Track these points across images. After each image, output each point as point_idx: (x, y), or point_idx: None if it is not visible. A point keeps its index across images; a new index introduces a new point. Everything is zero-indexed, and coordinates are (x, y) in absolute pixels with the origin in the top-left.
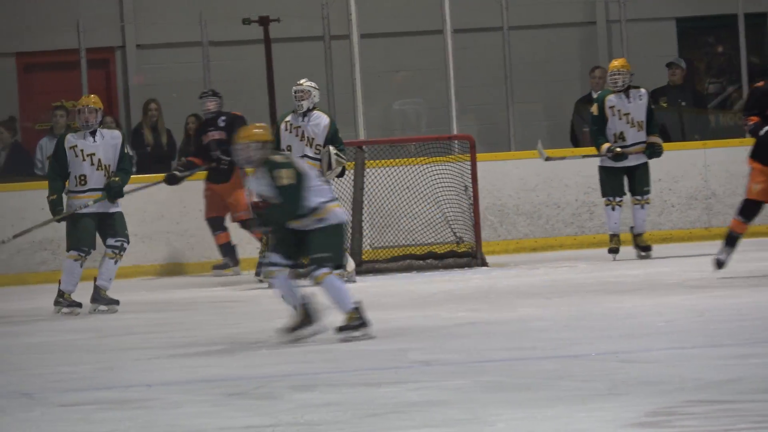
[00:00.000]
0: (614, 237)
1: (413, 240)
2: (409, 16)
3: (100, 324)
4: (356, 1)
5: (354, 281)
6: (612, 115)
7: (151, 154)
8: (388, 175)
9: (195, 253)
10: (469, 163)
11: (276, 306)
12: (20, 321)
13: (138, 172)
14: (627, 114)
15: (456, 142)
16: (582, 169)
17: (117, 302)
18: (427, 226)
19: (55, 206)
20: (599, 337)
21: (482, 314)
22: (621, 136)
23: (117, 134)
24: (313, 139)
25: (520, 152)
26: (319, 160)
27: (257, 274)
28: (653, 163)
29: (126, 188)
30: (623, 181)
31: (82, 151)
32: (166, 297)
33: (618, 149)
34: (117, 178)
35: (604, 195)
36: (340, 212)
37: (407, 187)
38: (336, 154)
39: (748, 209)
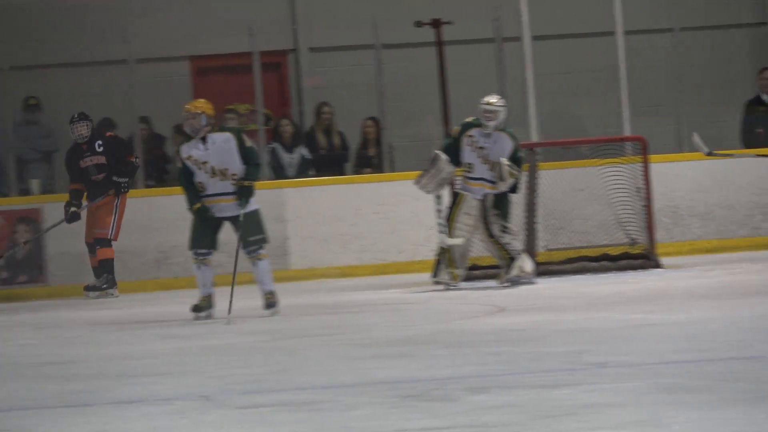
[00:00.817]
0: None
1: (587, 242)
2: (580, 18)
3: (276, 326)
4: (528, 3)
5: (533, 282)
6: None
7: (324, 157)
8: (561, 177)
9: (369, 256)
10: (641, 164)
11: (451, 307)
12: (198, 323)
13: (316, 175)
14: None
15: (628, 143)
16: (755, 170)
17: None
18: (601, 228)
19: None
20: None
21: (657, 316)
22: None
23: (227, 136)
24: (495, 162)
25: (692, 153)
26: (494, 182)
27: (435, 275)
28: None
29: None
30: None
31: (196, 160)
32: (340, 299)
33: None
34: (245, 182)
35: None
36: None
37: (580, 189)
38: (509, 166)
39: None
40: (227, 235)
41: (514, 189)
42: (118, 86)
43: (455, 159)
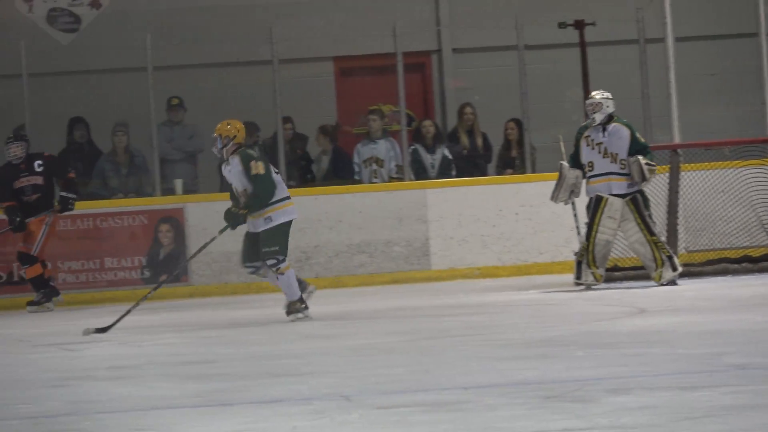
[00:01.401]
0: None
1: (728, 243)
2: (723, 19)
3: (417, 326)
4: (672, 3)
5: (676, 284)
6: None
7: (467, 158)
8: (703, 179)
9: (510, 257)
10: None
11: (592, 308)
12: (338, 324)
13: (457, 175)
14: None
15: None
16: None
17: None
18: (742, 230)
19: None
20: None
21: None
22: None
23: (237, 160)
24: (616, 154)
25: None
26: (627, 174)
27: (577, 277)
28: None
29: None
30: None
31: (226, 180)
32: (481, 300)
33: None
34: (234, 208)
35: None
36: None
37: (722, 191)
38: (647, 164)
39: None
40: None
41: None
42: (263, 86)
43: (579, 165)
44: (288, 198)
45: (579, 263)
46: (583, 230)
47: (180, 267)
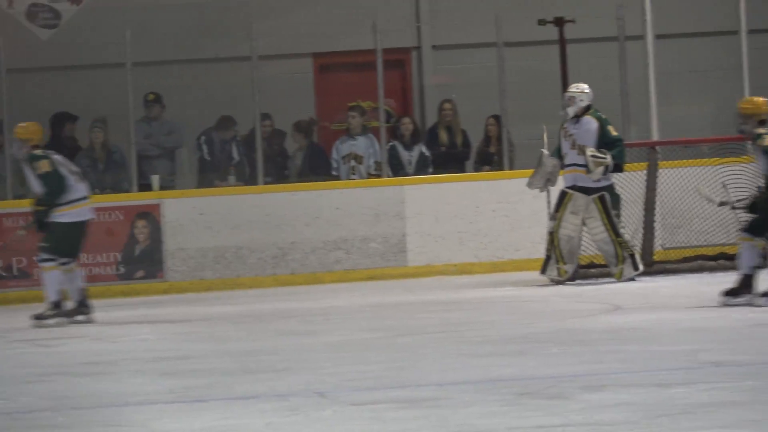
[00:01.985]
0: None
1: (705, 241)
2: (704, 17)
3: (393, 323)
4: (651, 1)
5: (634, 280)
6: None
7: (445, 154)
8: (681, 176)
9: (486, 253)
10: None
11: (567, 305)
12: (314, 320)
13: (434, 172)
14: None
15: (749, 143)
16: None
17: None
18: (719, 227)
19: None
20: None
21: (761, 315)
22: None
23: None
24: (583, 146)
25: None
26: (586, 166)
27: (542, 271)
28: None
29: None
30: None
31: None
32: (457, 296)
33: None
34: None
35: None
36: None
37: (699, 188)
38: (592, 156)
39: None
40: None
41: (619, 168)
42: (242, 83)
43: (559, 156)
44: (81, 199)
45: (548, 258)
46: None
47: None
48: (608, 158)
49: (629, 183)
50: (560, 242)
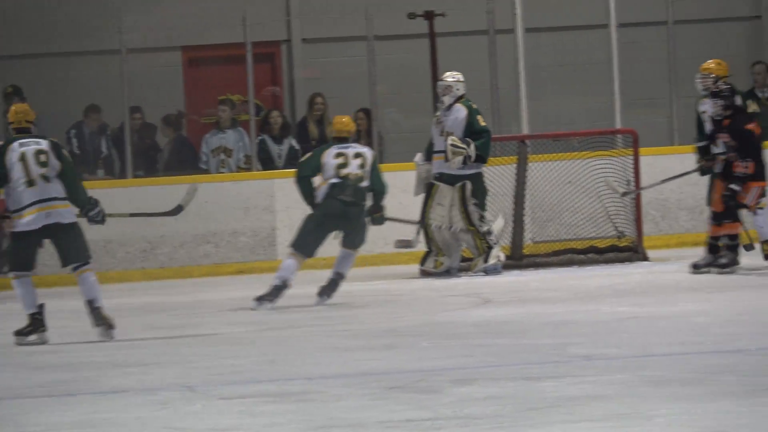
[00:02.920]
0: None
1: (574, 234)
2: (574, 10)
3: (263, 317)
4: None
5: (499, 272)
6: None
7: (314, 147)
8: (551, 170)
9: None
10: (632, 157)
11: (438, 298)
12: (183, 314)
13: None
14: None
15: (619, 136)
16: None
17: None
18: (589, 221)
19: None
20: (762, 332)
21: (643, 309)
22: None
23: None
24: (450, 133)
25: (683, 147)
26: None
27: (422, 264)
28: None
29: None
30: None
31: None
32: None
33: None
34: None
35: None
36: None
37: (569, 182)
38: (452, 145)
39: None
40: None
41: (482, 160)
42: (111, 76)
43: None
44: (26, 207)
45: (429, 251)
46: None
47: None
48: (469, 149)
49: (499, 176)
50: (433, 234)
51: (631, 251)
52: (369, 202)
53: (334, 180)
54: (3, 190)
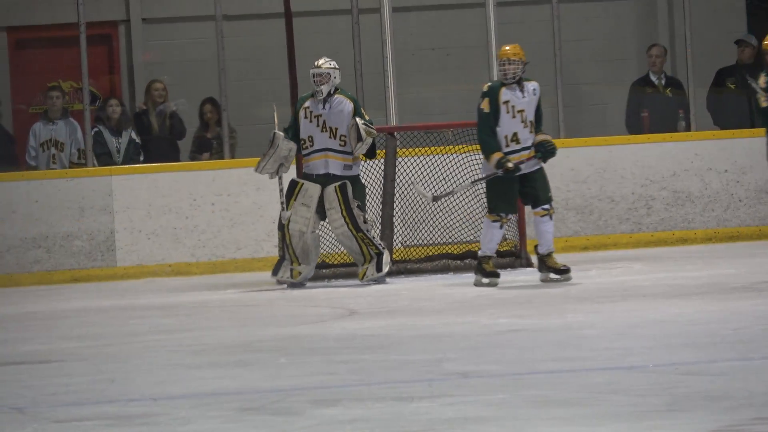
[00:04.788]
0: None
1: (450, 238)
2: None
3: (101, 330)
4: None
5: (385, 282)
6: (506, 113)
7: (157, 141)
8: (423, 165)
9: (205, 252)
10: None
11: (296, 310)
12: (11, 327)
13: (145, 161)
14: (521, 111)
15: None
16: (640, 159)
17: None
18: (466, 222)
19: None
20: (657, 346)
21: (526, 321)
22: (514, 138)
23: None
24: (336, 129)
25: (570, 139)
26: (345, 152)
27: (274, 273)
28: (716, 154)
29: None
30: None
31: None
32: (173, 300)
33: (510, 164)
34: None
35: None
36: None
37: (444, 179)
38: (364, 124)
39: None
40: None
41: (372, 154)
42: None
43: (296, 140)
44: None
45: (281, 257)
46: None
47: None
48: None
49: (365, 173)
50: (292, 239)
51: (513, 256)
52: None
53: None
54: None
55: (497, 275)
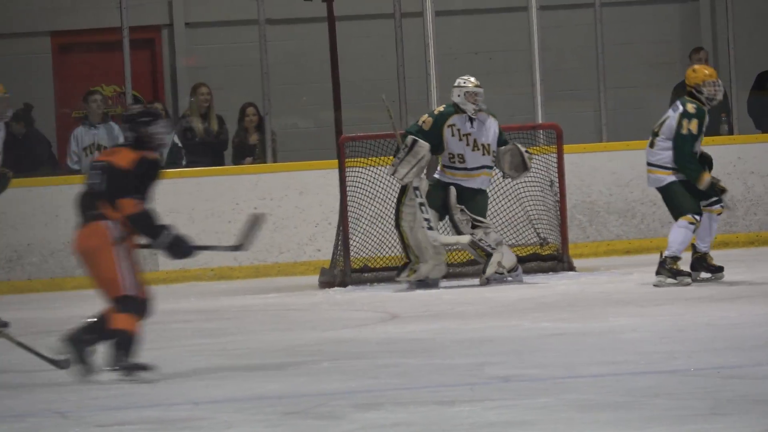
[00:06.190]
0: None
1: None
2: None
3: (145, 335)
4: None
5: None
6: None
7: (200, 145)
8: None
9: (247, 256)
10: (555, 155)
11: (339, 314)
12: (55, 331)
13: (188, 165)
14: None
15: (541, 131)
16: None
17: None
18: (509, 226)
19: None
20: (701, 350)
21: (569, 324)
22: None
23: None
24: (489, 145)
25: (612, 143)
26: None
27: (398, 275)
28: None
29: None
30: None
31: None
32: (215, 304)
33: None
34: None
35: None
36: None
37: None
38: (527, 151)
39: None
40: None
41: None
42: None
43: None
44: None
45: (409, 260)
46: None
47: None
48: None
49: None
50: (409, 238)
51: (555, 260)
52: None
53: None
54: None
55: (689, 274)
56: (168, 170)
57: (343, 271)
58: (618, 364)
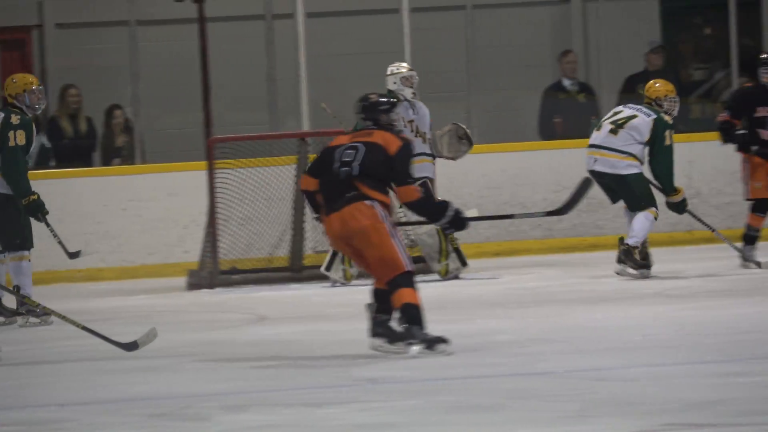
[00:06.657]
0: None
1: None
2: None
3: (7, 336)
4: None
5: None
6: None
7: (68, 146)
8: None
9: (116, 257)
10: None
11: (207, 315)
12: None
13: (57, 166)
14: None
15: None
16: (553, 165)
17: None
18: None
19: None
20: (570, 352)
21: (437, 326)
22: None
23: None
24: (425, 133)
25: (483, 145)
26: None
27: (327, 268)
28: None
29: None
30: None
31: None
32: (83, 306)
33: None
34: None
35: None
36: None
37: None
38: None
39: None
40: None
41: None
42: None
43: None
44: None
45: (334, 254)
46: None
47: None
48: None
49: (276, 178)
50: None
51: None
52: None
53: None
54: None
55: (650, 267)
56: (36, 171)
57: (211, 273)
58: (486, 366)
